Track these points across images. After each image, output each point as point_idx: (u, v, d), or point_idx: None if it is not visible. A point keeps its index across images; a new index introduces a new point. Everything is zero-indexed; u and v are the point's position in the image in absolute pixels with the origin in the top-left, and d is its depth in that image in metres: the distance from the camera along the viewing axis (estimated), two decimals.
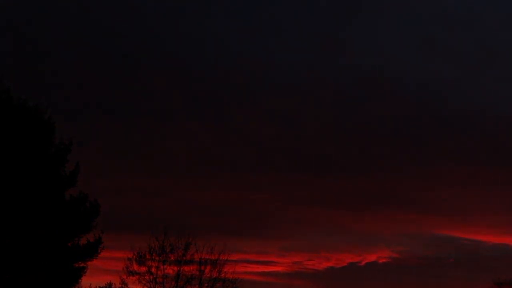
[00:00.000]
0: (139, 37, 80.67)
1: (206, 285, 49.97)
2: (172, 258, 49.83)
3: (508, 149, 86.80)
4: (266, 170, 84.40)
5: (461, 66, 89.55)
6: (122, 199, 70.31)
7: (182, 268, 49.57)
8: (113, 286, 47.96)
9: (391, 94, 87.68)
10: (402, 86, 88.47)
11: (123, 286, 49.06)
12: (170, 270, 49.59)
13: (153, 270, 49.39)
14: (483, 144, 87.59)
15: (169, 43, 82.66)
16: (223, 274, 49.92)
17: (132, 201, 73.59)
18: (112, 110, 79.02)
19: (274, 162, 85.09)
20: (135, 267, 49.51)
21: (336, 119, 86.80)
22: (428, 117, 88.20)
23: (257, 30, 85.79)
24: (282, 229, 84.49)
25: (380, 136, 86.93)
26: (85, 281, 43.43)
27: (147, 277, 49.36)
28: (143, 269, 49.43)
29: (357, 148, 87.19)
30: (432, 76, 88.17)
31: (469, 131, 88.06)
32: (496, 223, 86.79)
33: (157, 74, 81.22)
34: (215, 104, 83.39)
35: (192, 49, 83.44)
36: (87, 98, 76.80)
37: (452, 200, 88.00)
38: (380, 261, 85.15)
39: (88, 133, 70.48)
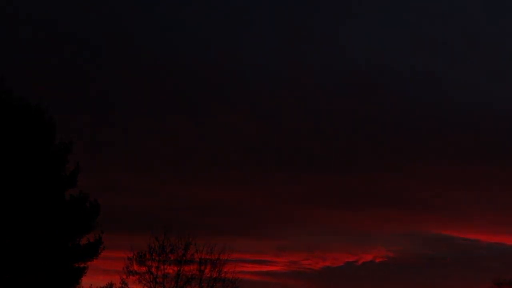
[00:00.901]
0: (125, 34, 79.96)
1: (205, 285, 50.02)
2: (172, 258, 49.87)
3: (503, 148, 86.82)
4: (259, 168, 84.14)
5: (458, 65, 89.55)
6: (122, 199, 70.27)
7: (182, 268, 49.63)
8: (113, 286, 47.97)
9: (386, 92, 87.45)
10: (397, 84, 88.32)
11: (123, 286, 49.10)
12: (170, 270, 49.67)
13: (153, 270, 49.45)
14: (479, 142, 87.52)
15: (156, 41, 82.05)
16: (223, 274, 50.00)
17: (132, 201, 73.51)
18: (112, 108, 79.02)
19: (267, 160, 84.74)
20: (135, 267, 49.56)
21: (331, 117, 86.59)
22: (423, 116, 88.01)
23: (242, 26, 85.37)
24: (278, 228, 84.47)
25: (375, 134, 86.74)
26: (85, 281, 43.49)
27: (147, 277, 49.41)
28: (143, 269, 49.48)
29: (352, 147, 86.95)
30: (428, 74, 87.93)
31: (466, 129, 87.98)
32: (490, 222, 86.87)
33: (146, 74, 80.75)
34: (198, 100, 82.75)
35: (179, 46, 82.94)
36: (85, 97, 76.79)
37: (447, 199, 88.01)
38: (377, 261, 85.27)
39: (87, 132, 70.54)
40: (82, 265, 42.78)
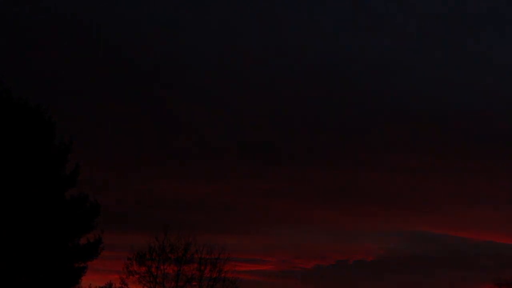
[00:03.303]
0: (88, 28, 78.15)
1: (205, 283, 50.09)
2: (172, 258, 49.93)
3: (480, 141, 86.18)
4: (242, 162, 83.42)
5: (407, 52, 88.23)
6: (122, 199, 70.10)
7: (182, 268, 49.67)
8: (113, 286, 48.01)
9: (355, 83, 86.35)
10: (362, 74, 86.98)
11: (123, 286, 49.15)
12: (170, 270, 49.71)
13: (153, 270, 49.49)
14: (458, 137, 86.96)
15: (108, 31, 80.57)
16: (223, 274, 50.07)
17: (132, 201, 73.36)
18: (111, 108, 78.90)
19: (230, 154, 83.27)
20: (135, 267, 49.61)
21: (293, 108, 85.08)
22: (397, 107, 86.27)
23: (199, 16, 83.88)
24: (265, 226, 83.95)
25: (348, 128, 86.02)
26: (85, 281, 43.50)
27: (147, 277, 49.43)
28: (143, 269, 49.53)
29: (322, 139, 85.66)
30: (394, 64, 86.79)
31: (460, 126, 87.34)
32: (479, 220, 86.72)
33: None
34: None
35: (128, 33, 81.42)
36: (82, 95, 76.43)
37: (438, 196, 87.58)
38: (368, 259, 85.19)
39: (87, 132, 70.39)
40: (82, 265, 42.78)
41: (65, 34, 76.41)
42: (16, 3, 70.06)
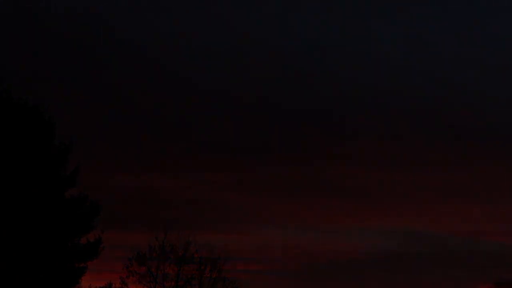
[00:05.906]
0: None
1: (206, 281, 50.17)
2: (172, 258, 49.98)
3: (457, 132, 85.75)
4: (236, 162, 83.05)
5: (380, 41, 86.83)
6: (122, 198, 70.05)
7: (182, 268, 49.72)
8: (113, 286, 48.05)
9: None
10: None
11: (123, 286, 49.18)
12: (170, 270, 49.75)
13: (153, 270, 49.54)
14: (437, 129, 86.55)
15: (108, 31, 79.62)
16: (223, 274, 50.14)
17: (132, 200, 73.30)
18: (111, 108, 78.86)
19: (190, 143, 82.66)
20: (135, 267, 49.63)
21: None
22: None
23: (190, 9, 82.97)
24: (257, 225, 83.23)
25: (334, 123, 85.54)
26: (85, 281, 43.51)
27: (147, 277, 49.47)
28: (143, 269, 49.56)
29: (327, 139, 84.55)
30: (361, 52, 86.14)
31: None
32: (478, 218, 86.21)
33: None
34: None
35: (128, 33, 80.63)
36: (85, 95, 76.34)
37: (434, 194, 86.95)
38: (360, 258, 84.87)
39: (87, 132, 70.36)
40: (82, 265, 42.82)
41: (65, 34, 76.45)
42: (16, 3, 70.07)
